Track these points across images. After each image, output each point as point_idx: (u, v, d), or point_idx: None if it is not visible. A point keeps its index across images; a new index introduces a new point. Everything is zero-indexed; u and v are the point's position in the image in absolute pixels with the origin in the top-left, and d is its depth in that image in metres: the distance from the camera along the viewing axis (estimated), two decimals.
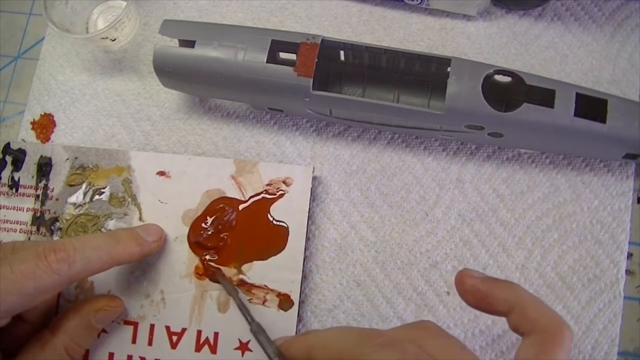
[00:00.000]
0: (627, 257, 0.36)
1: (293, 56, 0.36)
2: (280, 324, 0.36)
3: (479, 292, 0.28)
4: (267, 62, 0.35)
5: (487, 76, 0.34)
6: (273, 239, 0.37)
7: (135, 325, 0.37)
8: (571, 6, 0.40)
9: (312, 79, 0.35)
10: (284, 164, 0.39)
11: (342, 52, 0.38)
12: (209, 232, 0.38)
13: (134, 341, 0.37)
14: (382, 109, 0.35)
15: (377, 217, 0.38)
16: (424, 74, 0.37)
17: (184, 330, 0.37)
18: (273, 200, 0.38)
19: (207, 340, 0.37)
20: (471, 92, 0.34)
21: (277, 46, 0.36)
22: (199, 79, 0.37)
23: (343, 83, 0.39)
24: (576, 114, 0.33)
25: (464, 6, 0.40)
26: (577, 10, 0.40)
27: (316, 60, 0.35)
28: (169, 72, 0.37)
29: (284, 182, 0.38)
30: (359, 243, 0.38)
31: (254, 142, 0.40)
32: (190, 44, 0.37)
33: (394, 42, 0.41)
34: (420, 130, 0.37)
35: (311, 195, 0.38)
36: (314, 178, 0.39)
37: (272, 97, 0.37)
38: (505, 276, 0.37)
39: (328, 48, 0.36)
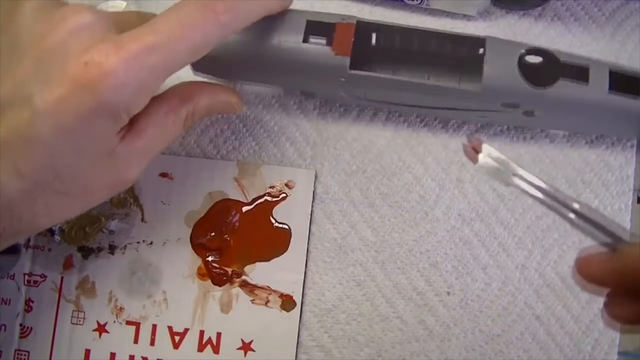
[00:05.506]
0: None
1: (323, 40, 0.35)
2: (283, 325, 0.37)
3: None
4: (302, 42, 0.34)
5: (519, 57, 0.34)
6: (275, 241, 0.37)
7: (137, 325, 0.38)
8: (571, 6, 0.40)
9: (349, 58, 0.34)
10: (287, 167, 0.39)
11: (374, 35, 0.37)
12: (212, 234, 0.38)
13: (136, 341, 0.38)
14: (420, 88, 0.35)
15: (377, 217, 0.38)
16: (455, 54, 0.37)
17: (186, 330, 0.37)
18: (275, 203, 0.38)
19: (209, 340, 0.37)
20: (508, 69, 0.34)
21: (311, 28, 0.35)
22: (233, 62, 0.36)
23: (374, 67, 0.38)
24: (611, 89, 0.33)
25: (464, 6, 0.40)
26: (577, 10, 0.40)
27: (352, 39, 0.34)
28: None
29: (286, 185, 0.38)
30: (359, 243, 0.38)
31: (254, 142, 0.40)
32: None
33: None
34: (453, 111, 0.37)
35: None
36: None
37: (307, 79, 0.36)
38: (505, 276, 0.37)
39: (360, 31, 0.36)
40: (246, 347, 0.37)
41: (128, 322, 0.38)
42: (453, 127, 0.39)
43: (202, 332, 0.37)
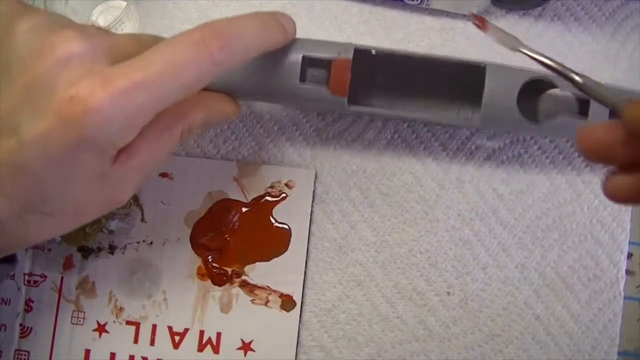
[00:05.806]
0: (627, 257, 0.36)
1: (321, 75, 0.35)
2: (283, 325, 0.37)
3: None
4: (299, 81, 0.34)
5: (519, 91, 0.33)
6: (275, 241, 0.37)
7: (137, 325, 0.38)
8: (571, 6, 0.40)
9: (346, 97, 0.34)
10: (287, 166, 0.39)
11: (371, 56, 0.36)
12: (212, 234, 0.38)
13: (136, 341, 0.38)
14: (418, 120, 0.36)
15: (377, 217, 0.38)
16: (456, 78, 0.37)
17: (186, 330, 0.37)
18: (275, 203, 0.38)
19: (209, 340, 0.37)
20: (507, 107, 0.33)
21: (307, 65, 0.35)
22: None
23: (373, 97, 0.38)
24: (611, 117, 0.33)
25: (464, 6, 0.40)
26: (577, 10, 0.40)
27: (349, 76, 0.34)
28: None
29: (286, 184, 0.38)
30: (359, 243, 0.38)
31: (254, 142, 0.40)
32: None
33: (393, 43, 0.41)
34: (452, 126, 0.38)
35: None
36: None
37: (306, 109, 0.37)
38: (504, 276, 0.37)
39: (357, 63, 0.35)
40: (246, 347, 0.37)
41: (128, 322, 0.38)
42: (453, 128, 0.39)
43: (202, 332, 0.37)
